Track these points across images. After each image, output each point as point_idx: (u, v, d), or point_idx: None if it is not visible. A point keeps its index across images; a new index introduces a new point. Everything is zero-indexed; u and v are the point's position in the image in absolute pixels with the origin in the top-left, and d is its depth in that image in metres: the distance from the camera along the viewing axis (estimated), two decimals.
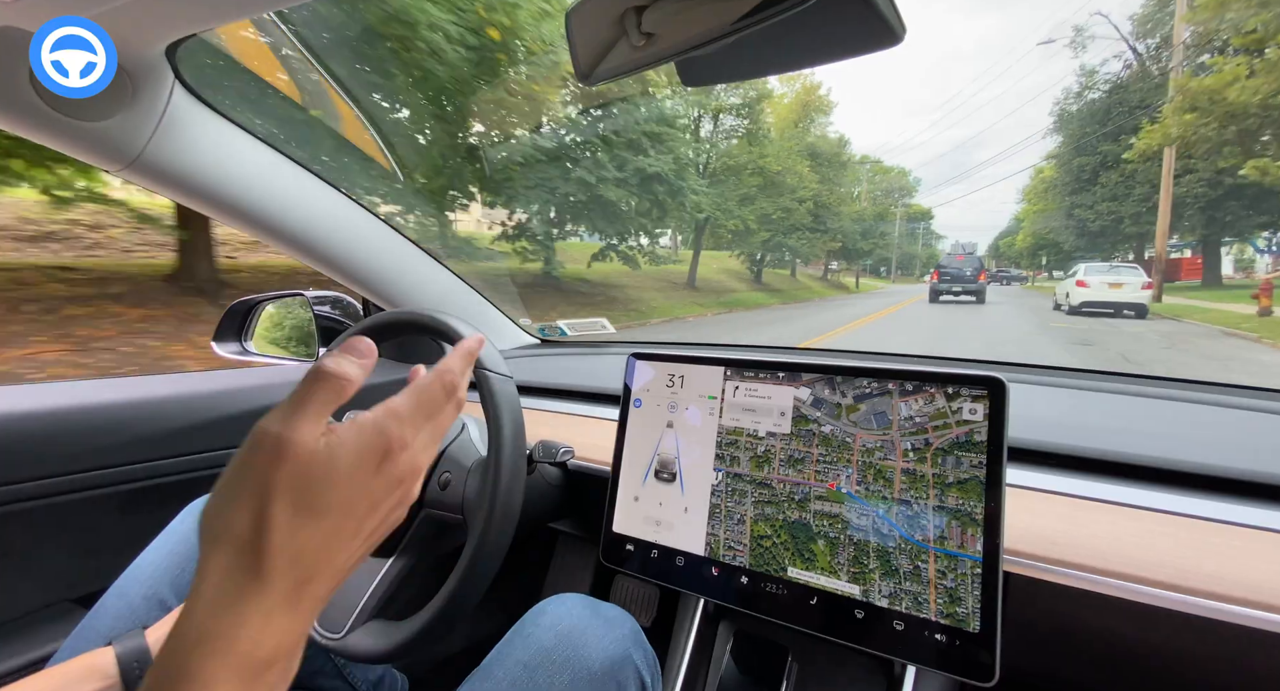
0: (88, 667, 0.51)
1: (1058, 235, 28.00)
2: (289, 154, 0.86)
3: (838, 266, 37.91)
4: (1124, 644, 0.53)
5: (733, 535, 0.63)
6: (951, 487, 0.53)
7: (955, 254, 18.71)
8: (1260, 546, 0.50)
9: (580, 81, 0.47)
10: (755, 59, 0.47)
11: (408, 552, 0.62)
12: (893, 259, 51.04)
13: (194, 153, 0.74)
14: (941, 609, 0.52)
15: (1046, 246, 33.91)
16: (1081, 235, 24.48)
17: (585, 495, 0.83)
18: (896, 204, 52.94)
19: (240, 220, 0.84)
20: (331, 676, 0.74)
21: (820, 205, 22.76)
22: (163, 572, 0.62)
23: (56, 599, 0.81)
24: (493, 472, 0.57)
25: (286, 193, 0.86)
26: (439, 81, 5.65)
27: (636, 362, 0.74)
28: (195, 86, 0.72)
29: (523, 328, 1.43)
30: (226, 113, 0.76)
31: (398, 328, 0.72)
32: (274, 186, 0.85)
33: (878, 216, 46.99)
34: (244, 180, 0.81)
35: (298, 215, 0.89)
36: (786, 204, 19.44)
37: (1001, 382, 0.52)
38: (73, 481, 0.79)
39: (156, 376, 0.95)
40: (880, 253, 47.53)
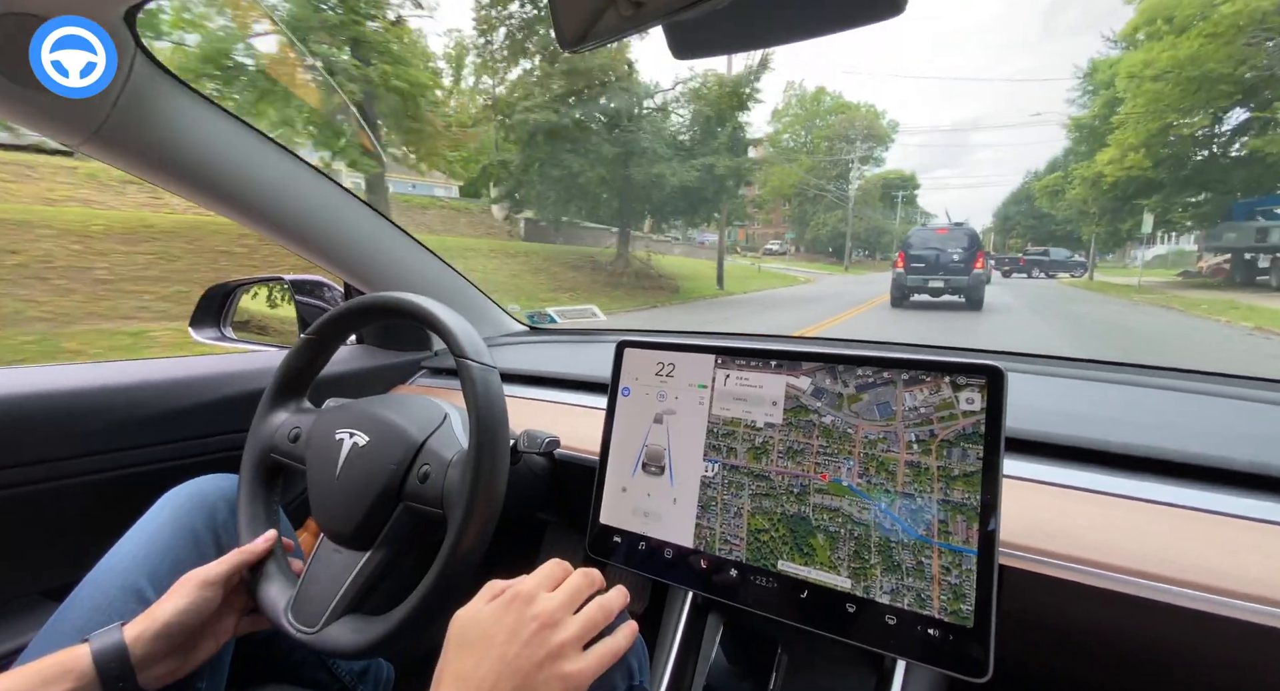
0: (61, 667, 0.49)
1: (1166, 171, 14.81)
2: (260, 129, 0.82)
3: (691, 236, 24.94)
4: (1116, 637, 0.53)
5: (729, 528, 0.62)
6: (957, 481, 0.51)
7: (935, 227, 11.50)
8: (1254, 537, 0.49)
9: (563, 49, 0.44)
10: (750, 28, 0.45)
11: (386, 546, 0.61)
12: (847, 233, 35.20)
13: (158, 125, 0.70)
14: (945, 605, 0.50)
15: (1153, 189, 16.21)
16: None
17: (572, 486, 0.81)
18: (868, 156, 38.45)
19: (210, 197, 0.81)
20: (315, 667, 0.73)
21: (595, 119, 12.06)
22: (139, 563, 0.60)
23: (23, 591, 0.78)
24: (473, 466, 0.55)
25: (258, 169, 0.83)
26: None
27: (625, 350, 0.72)
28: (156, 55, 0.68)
29: (511, 314, 1.41)
30: (190, 83, 0.72)
31: (375, 313, 0.70)
32: (244, 162, 0.81)
33: (826, 168, 36.31)
34: (212, 155, 0.77)
35: (271, 193, 0.85)
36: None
37: (1000, 371, 0.51)
38: (41, 471, 0.76)
39: (130, 362, 0.91)
40: (826, 222, 36.26)
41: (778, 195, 38.95)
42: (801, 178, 35.99)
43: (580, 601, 0.46)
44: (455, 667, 0.41)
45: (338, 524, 0.62)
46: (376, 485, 0.60)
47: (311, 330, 0.71)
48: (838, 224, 36.12)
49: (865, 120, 38.69)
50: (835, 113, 39.10)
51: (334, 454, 0.63)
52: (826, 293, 16.37)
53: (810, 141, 39.13)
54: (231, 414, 0.93)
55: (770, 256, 36.45)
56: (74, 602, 0.58)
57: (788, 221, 42.51)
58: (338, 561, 0.61)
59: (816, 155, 37.48)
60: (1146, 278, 17.99)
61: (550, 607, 0.43)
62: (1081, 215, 22.00)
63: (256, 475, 0.69)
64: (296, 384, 0.73)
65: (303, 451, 0.67)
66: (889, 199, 41.81)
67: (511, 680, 0.39)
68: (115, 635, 0.52)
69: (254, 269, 5.78)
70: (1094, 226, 20.70)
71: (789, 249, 42.14)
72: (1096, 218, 19.96)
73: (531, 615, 0.43)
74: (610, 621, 0.46)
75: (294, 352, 0.72)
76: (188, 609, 0.55)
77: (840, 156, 36.77)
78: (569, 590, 0.46)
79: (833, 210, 36.69)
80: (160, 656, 0.53)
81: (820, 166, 37.40)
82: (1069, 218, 25.46)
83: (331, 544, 0.63)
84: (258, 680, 0.69)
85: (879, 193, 41.11)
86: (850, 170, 36.57)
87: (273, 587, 0.61)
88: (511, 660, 0.40)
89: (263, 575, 0.62)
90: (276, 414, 0.71)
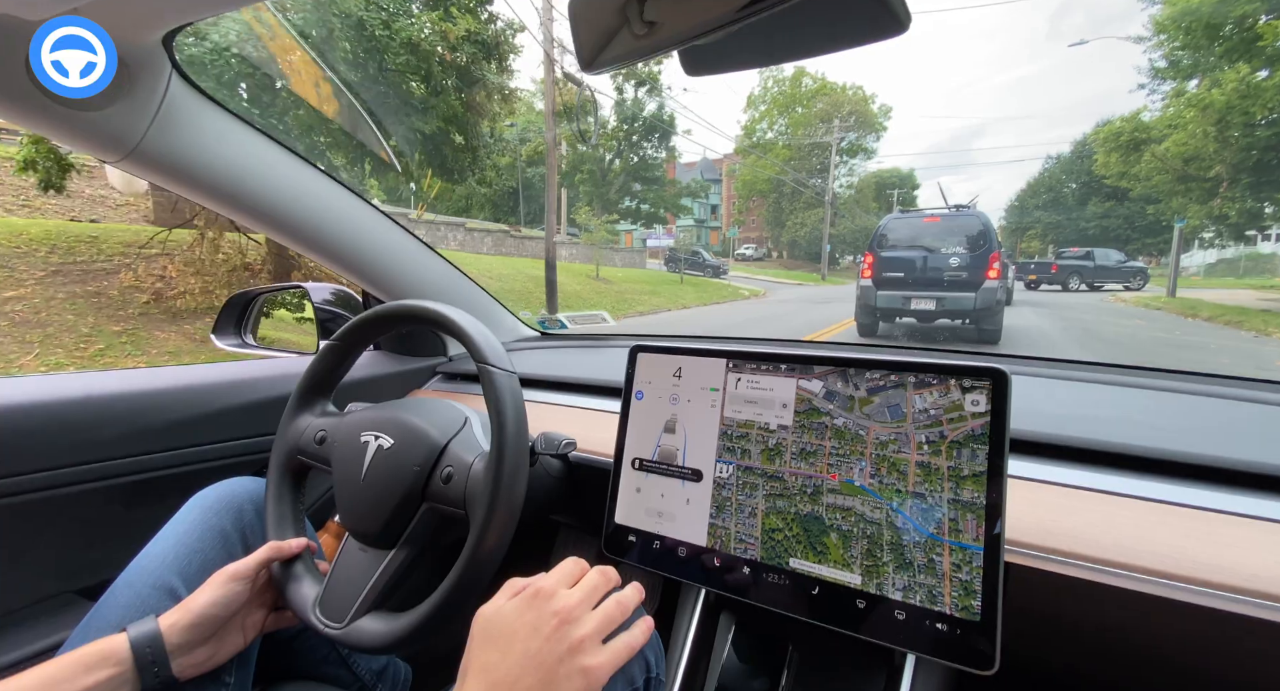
0: (100, 654, 0.51)
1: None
2: (288, 145, 0.86)
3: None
4: (1119, 632, 0.53)
5: (744, 528, 0.63)
6: (966, 480, 0.53)
7: (921, 215, 7.48)
8: (1255, 535, 0.50)
9: (583, 70, 0.46)
10: (759, 47, 0.47)
11: (409, 545, 0.63)
12: (824, 233, 27.99)
13: (192, 142, 0.74)
14: (956, 601, 0.51)
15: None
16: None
17: (587, 487, 0.83)
18: (857, 146, 32.49)
19: (239, 210, 0.84)
20: (336, 665, 0.75)
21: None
22: (170, 562, 0.63)
23: (59, 590, 0.81)
24: (495, 467, 0.57)
25: (285, 183, 0.86)
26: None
27: (639, 355, 0.74)
28: (193, 76, 0.71)
29: (522, 320, 1.43)
30: (224, 103, 0.76)
31: (398, 320, 0.72)
32: (272, 176, 0.84)
33: (807, 159, 30.96)
34: (242, 170, 0.80)
35: (296, 206, 0.88)
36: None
37: (1004, 374, 0.52)
38: (75, 473, 0.78)
39: (157, 369, 0.94)
40: (805, 222, 30.97)
41: (752, 192, 35.45)
42: (778, 171, 31.53)
43: (598, 598, 0.47)
44: (480, 661, 0.43)
45: (364, 523, 0.64)
46: (401, 486, 0.62)
47: (337, 336, 0.73)
48: (817, 224, 30.07)
49: (852, 104, 32.16)
50: (818, 95, 32.76)
51: (359, 456, 0.66)
52: (765, 315, 12.03)
53: (788, 129, 33.60)
54: (255, 419, 0.95)
55: (743, 263, 32.48)
56: (109, 599, 0.61)
57: (763, 222, 37.76)
58: (363, 560, 0.63)
59: (796, 142, 32.26)
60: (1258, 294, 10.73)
61: (570, 603, 0.45)
62: (1180, 183, 11.96)
63: (283, 476, 0.71)
64: (321, 388, 0.76)
65: (328, 453, 0.69)
66: (884, 199, 36.64)
67: (535, 673, 0.41)
68: (151, 624, 0.54)
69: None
70: (1209, 199, 11.16)
71: (767, 254, 38.17)
72: (1222, 181, 10.78)
73: (552, 611, 0.44)
74: (627, 617, 0.47)
75: (319, 358, 0.74)
76: (219, 601, 0.57)
77: (819, 139, 30.55)
78: (587, 587, 0.47)
79: (813, 208, 31.93)
80: (192, 645, 0.56)
81: (801, 157, 32.66)
82: (1151, 192, 14.36)
83: (357, 543, 0.65)
84: (282, 677, 0.71)
85: (873, 192, 36.99)
86: (831, 161, 30.08)
87: (301, 586, 0.63)
88: (534, 654, 0.42)
89: (291, 575, 0.64)
90: (302, 417, 0.73)
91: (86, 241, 5.82)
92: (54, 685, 0.48)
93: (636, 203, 25.15)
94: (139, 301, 5.33)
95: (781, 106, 34.29)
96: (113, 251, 5.81)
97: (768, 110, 34.85)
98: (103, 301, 5.18)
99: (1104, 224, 22.86)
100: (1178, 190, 12.32)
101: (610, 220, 20.20)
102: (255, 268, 6.25)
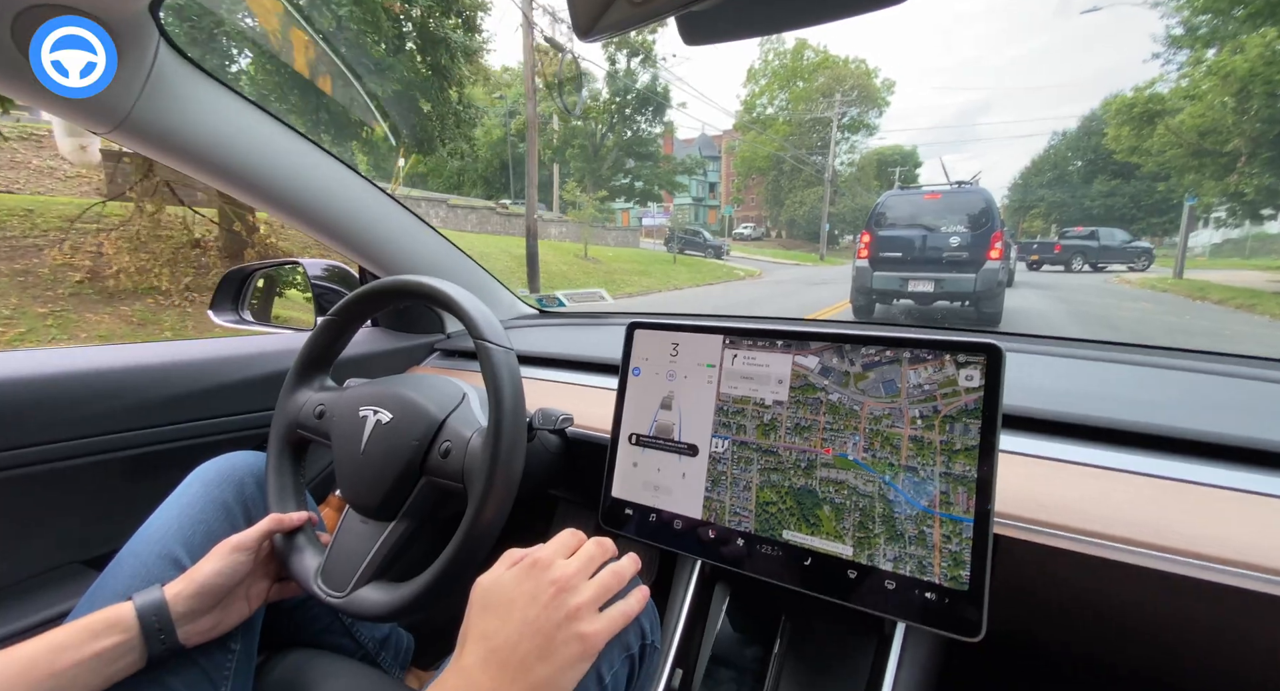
0: (107, 621, 0.52)
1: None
2: (280, 117, 0.84)
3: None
4: (1106, 602, 0.55)
5: (738, 501, 0.64)
6: (959, 454, 0.53)
7: (921, 192, 7.12)
8: (1240, 508, 0.51)
9: (579, 38, 0.45)
10: (760, 15, 0.46)
11: (409, 517, 0.63)
12: (823, 212, 27.46)
13: (182, 113, 0.72)
14: (945, 571, 0.53)
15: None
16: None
17: (585, 462, 0.84)
18: (859, 121, 31.24)
19: (232, 182, 0.83)
20: (340, 634, 0.77)
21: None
22: (174, 533, 0.64)
23: (66, 561, 0.82)
24: (492, 443, 0.57)
25: (278, 155, 0.85)
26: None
27: (636, 331, 0.74)
28: (181, 45, 0.70)
29: (520, 297, 1.43)
30: (214, 72, 0.74)
31: (395, 295, 0.72)
32: (266, 149, 0.83)
33: (807, 135, 29.92)
34: (234, 141, 0.79)
35: (290, 179, 0.87)
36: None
37: (999, 349, 0.53)
38: (80, 446, 0.79)
39: (160, 344, 0.94)
40: (804, 201, 30.29)
41: (751, 169, 34.91)
42: (778, 147, 30.98)
43: (594, 567, 0.48)
44: (479, 628, 0.44)
45: (363, 496, 0.65)
46: (400, 460, 0.63)
47: (334, 311, 0.73)
48: (817, 202, 29.34)
49: (855, 77, 30.92)
50: (820, 68, 31.63)
51: (359, 430, 0.66)
52: (758, 297, 11.70)
53: (789, 104, 32.85)
54: (254, 393, 0.96)
55: (740, 241, 32.02)
56: (115, 569, 0.62)
57: (762, 201, 37.48)
58: (364, 531, 0.64)
59: (797, 118, 31.33)
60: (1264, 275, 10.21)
61: (567, 573, 0.46)
62: (1194, 158, 11.26)
63: (283, 450, 0.72)
64: (319, 363, 0.76)
65: (328, 427, 0.69)
66: (885, 177, 35.56)
67: (533, 639, 0.42)
68: (156, 593, 0.56)
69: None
70: (1225, 175, 10.61)
71: (765, 233, 37.70)
72: (1240, 156, 10.22)
73: (550, 580, 0.45)
74: (623, 586, 0.48)
75: (316, 333, 0.74)
76: (223, 571, 0.58)
77: (821, 114, 29.48)
78: (584, 557, 0.48)
79: (812, 186, 31.45)
80: (197, 614, 0.57)
81: (801, 133, 31.58)
82: (1161, 169, 13.73)
83: (357, 515, 0.66)
84: (286, 644, 0.72)
85: (874, 170, 35.78)
86: (832, 137, 29.08)
87: (303, 557, 0.64)
88: (532, 621, 0.43)
89: (293, 546, 0.65)
90: (302, 392, 0.74)
91: (20, 215, 5.39)
92: (62, 650, 0.49)
93: (630, 179, 24.64)
94: (71, 280, 4.89)
95: (782, 80, 33.47)
96: (48, 226, 5.35)
97: (768, 84, 33.99)
98: (30, 280, 4.76)
99: (1109, 202, 22.31)
100: (1191, 165, 11.72)
101: (601, 197, 19.53)
102: (206, 244, 5.78)
